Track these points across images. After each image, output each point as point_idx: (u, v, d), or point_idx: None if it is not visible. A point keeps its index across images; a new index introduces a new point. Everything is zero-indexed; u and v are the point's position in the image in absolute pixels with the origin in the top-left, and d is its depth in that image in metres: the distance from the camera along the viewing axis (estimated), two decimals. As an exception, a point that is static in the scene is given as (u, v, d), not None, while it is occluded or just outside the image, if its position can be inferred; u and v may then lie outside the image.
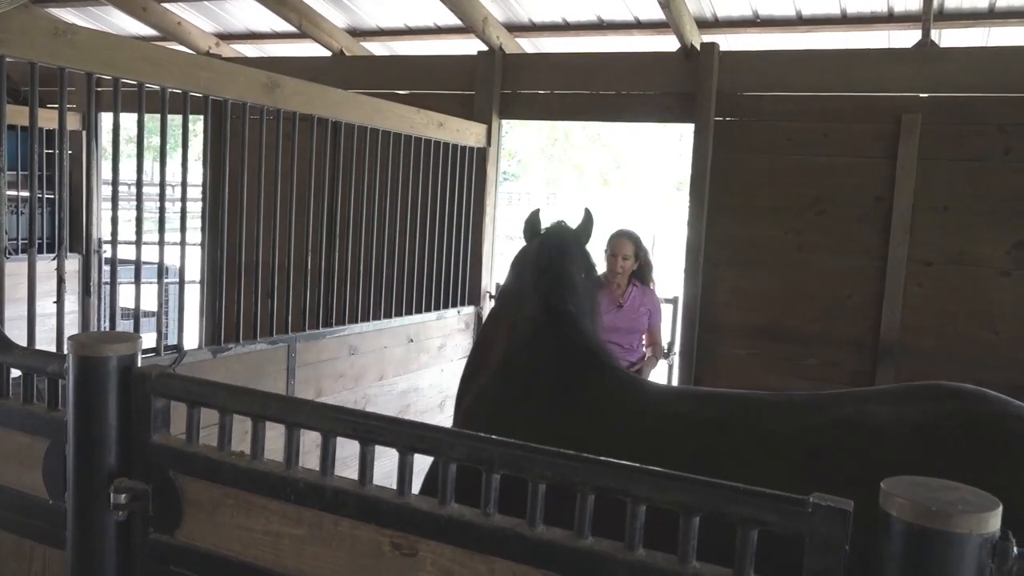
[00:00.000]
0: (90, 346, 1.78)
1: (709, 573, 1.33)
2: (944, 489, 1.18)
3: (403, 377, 4.87)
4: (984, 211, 4.60)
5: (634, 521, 1.37)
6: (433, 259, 5.30)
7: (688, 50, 5.22)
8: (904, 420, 2.46)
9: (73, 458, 1.81)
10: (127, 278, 6.34)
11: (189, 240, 3.91)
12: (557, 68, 5.75)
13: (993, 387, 4.60)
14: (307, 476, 1.65)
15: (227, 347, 3.68)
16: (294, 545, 1.66)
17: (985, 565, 1.12)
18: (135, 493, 1.76)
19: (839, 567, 1.22)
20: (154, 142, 12.45)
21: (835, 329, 4.93)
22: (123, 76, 3.12)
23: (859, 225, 4.89)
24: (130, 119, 3.42)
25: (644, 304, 5.02)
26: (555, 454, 1.44)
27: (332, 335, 4.30)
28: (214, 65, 3.64)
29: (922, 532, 1.13)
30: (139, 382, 1.78)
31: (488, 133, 5.72)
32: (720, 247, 5.22)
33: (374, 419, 1.60)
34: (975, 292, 4.64)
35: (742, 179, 5.16)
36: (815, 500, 1.23)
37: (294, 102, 3.89)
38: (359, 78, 6.17)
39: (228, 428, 1.75)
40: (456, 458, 1.50)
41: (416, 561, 1.54)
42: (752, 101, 5.14)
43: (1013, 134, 4.52)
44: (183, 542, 1.78)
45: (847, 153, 4.90)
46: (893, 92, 4.77)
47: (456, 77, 5.98)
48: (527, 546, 1.44)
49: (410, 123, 4.82)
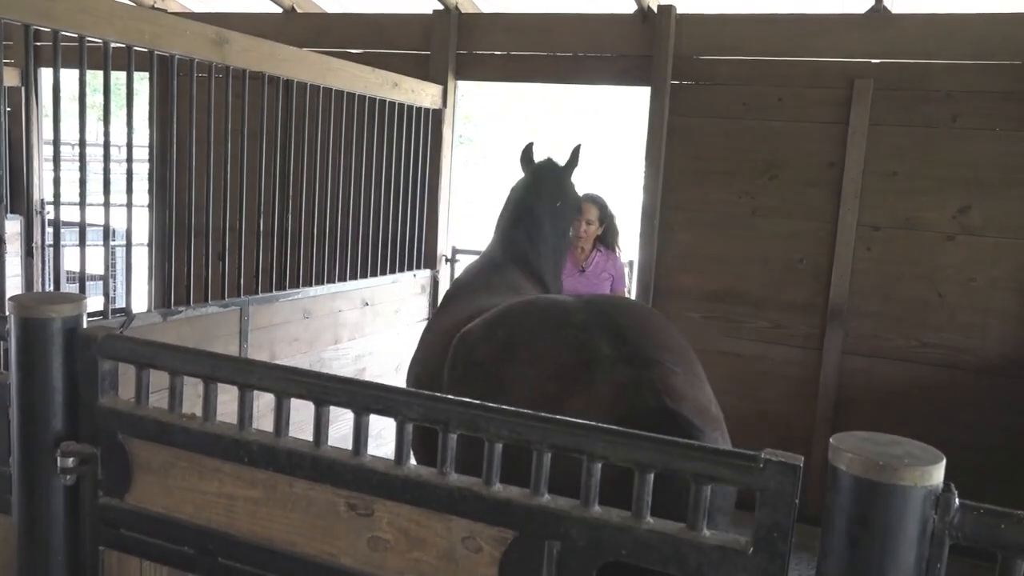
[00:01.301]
0: (32, 307, 1.73)
1: (663, 528, 1.35)
2: (891, 444, 1.21)
3: (358, 341, 4.83)
4: (931, 176, 4.70)
5: (589, 479, 1.39)
6: (388, 222, 5.24)
7: (645, 12, 5.20)
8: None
9: (17, 422, 1.76)
10: (72, 241, 6.17)
11: (136, 202, 3.80)
12: (513, 28, 5.68)
13: (937, 349, 4.77)
14: (260, 438, 1.63)
15: (177, 310, 3.61)
16: (248, 507, 1.65)
17: (929, 516, 1.16)
18: (83, 456, 1.73)
19: (789, 520, 1.25)
20: (98, 100, 12.05)
21: (786, 292, 5.02)
22: (62, 28, 3.00)
23: (811, 190, 4.95)
24: (72, 75, 3.29)
25: (607, 270, 5.00)
26: (511, 413, 1.44)
27: (286, 298, 4.24)
28: (159, 19, 3.52)
29: (869, 486, 1.16)
30: (84, 344, 1.74)
31: (444, 94, 5.65)
32: (675, 211, 5.26)
33: (328, 380, 1.59)
34: (921, 256, 4.75)
35: (697, 143, 5.18)
36: (766, 456, 1.26)
37: (243, 59, 3.79)
38: (311, 36, 6.02)
39: (179, 390, 1.72)
40: (412, 418, 1.50)
41: (372, 521, 1.54)
42: (708, 65, 5.15)
43: (961, 101, 4.61)
44: (134, 506, 1.75)
45: (800, 118, 4.94)
46: (846, 57, 4.82)
47: (411, 36, 5.87)
48: (484, 505, 1.45)
49: (364, 83, 4.73)
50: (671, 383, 2.27)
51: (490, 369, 2.60)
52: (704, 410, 2.31)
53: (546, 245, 4.09)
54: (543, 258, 4.06)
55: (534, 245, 4.04)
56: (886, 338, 4.86)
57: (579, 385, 2.33)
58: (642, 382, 2.26)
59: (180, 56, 3.51)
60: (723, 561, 1.30)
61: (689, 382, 2.36)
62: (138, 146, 3.94)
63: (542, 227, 4.10)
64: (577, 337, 2.46)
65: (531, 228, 4.08)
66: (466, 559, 1.47)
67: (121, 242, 7.05)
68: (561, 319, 2.58)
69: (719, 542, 1.31)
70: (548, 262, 4.10)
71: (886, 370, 4.85)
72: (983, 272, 4.64)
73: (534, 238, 4.06)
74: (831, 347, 4.93)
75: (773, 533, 1.26)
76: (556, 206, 4.19)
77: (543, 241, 4.08)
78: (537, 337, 2.57)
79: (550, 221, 4.14)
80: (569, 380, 2.36)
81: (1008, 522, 1.13)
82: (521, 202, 4.19)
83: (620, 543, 1.36)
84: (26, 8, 2.84)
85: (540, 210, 4.14)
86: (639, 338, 2.44)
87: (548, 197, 4.20)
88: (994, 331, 4.64)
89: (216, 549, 1.68)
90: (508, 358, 2.56)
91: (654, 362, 2.34)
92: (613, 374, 2.31)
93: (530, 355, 2.51)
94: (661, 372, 2.30)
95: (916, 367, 4.78)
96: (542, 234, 4.08)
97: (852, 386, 4.93)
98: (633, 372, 2.29)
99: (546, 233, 4.10)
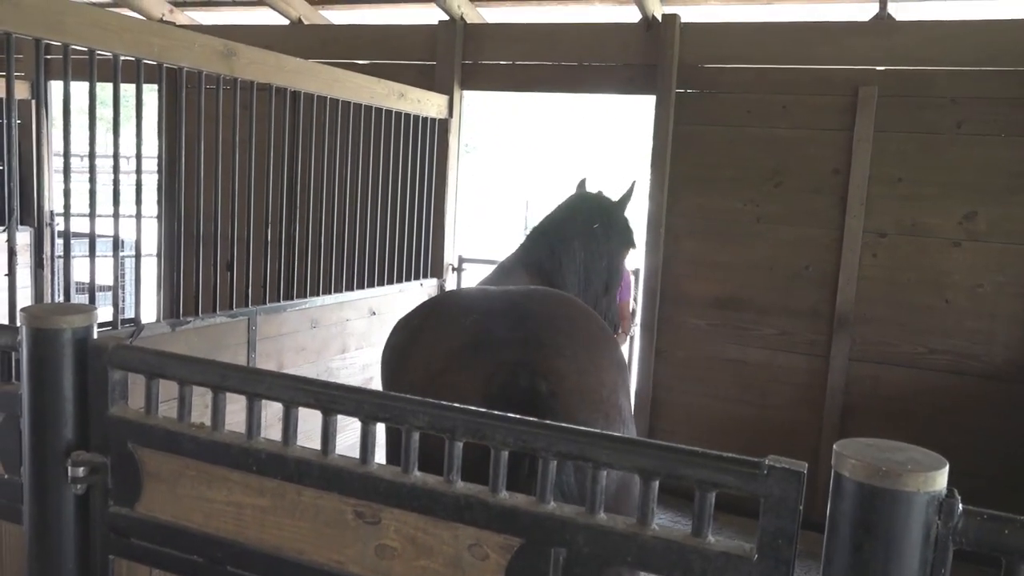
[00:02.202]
0: (44, 318, 1.75)
1: (668, 535, 1.36)
2: (894, 450, 1.22)
3: (365, 351, 4.85)
4: (936, 183, 4.70)
5: (595, 485, 1.40)
6: (395, 231, 5.26)
7: (649, 21, 5.22)
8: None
9: (28, 431, 1.78)
10: (81, 252, 6.21)
11: (145, 213, 3.83)
12: (518, 38, 5.71)
13: (943, 355, 4.76)
14: (269, 447, 1.64)
15: (186, 320, 3.63)
16: (257, 515, 1.66)
17: (932, 522, 1.16)
18: (93, 466, 1.75)
19: (793, 526, 1.25)
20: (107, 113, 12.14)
21: (792, 299, 5.02)
22: (72, 42, 3.03)
23: (816, 197, 4.96)
24: (82, 88, 3.33)
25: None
26: (517, 421, 1.45)
27: (293, 308, 4.26)
28: (168, 32, 3.55)
29: (872, 492, 1.17)
30: (95, 354, 1.76)
31: (450, 104, 5.68)
32: (681, 219, 5.27)
33: (335, 388, 1.60)
34: (927, 262, 4.75)
35: (702, 151, 5.20)
36: (770, 462, 1.27)
37: (251, 71, 3.82)
38: (318, 47, 6.07)
39: (188, 399, 1.73)
40: (419, 426, 1.51)
41: (379, 529, 1.55)
42: (713, 73, 5.16)
43: (965, 107, 4.61)
44: (143, 514, 1.77)
45: (805, 125, 4.95)
46: (850, 65, 4.83)
47: (416, 47, 5.91)
48: (490, 512, 1.46)
49: (370, 93, 4.76)
50: (554, 365, 2.36)
51: (400, 352, 2.75)
52: (588, 393, 2.38)
53: (571, 259, 4.11)
54: (563, 269, 4.08)
55: (554, 255, 4.07)
56: (892, 344, 4.85)
57: (461, 363, 2.43)
58: (523, 362, 2.35)
59: (188, 68, 3.54)
60: (727, 567, 1.30)
61: (578, 366, 2.42)
62: (147, 157, 3.97)
63: (569, 242, 4.13)
64: (477, 321, 2.57)
65: (555, 240, 4.13)
66: (473, 567, 1.48)
67: (130, 253, 7.09)
68: (472, 306, 2.70)
69: (724, 548, 1.32)
70: (571, 276, 4.11)
71: (893, 376, 4.84)
72: (989, 278, 4.63)
73: (556, 249, 4.10)
74: (838, 354, 4.93)
75: (778, 540, 1.27)
76: (593, 228, 4.22)
77: (567, 254, 4.10)
78: (443, 322, 2.69)
79: (581, 239, 4.18)
80: (455, 359, 2.47)
81: (1011, 527, 1.14)
82: (552, 216, 4.30)
83: (626, 550, 1.37)
84: (37, 22, 2.88)
85: (571, 225, 4.20)
86: (538, 324, 2.53)
87: (585, 217, 4.26)
88: (1001, 337, 4.63)
89: (225, 558, 1.69)
90: (413, 341, 2.69)
91: (543, 345, 2.42)
92: (499, 355, 2.40)
93: (431, 338, 2.63)
94: (546, 354, 2.39)
95: (923, 373, 4.77)
96: (568, 248, 4.11)
97: (859, 393, 4.92)
98: (518, 353, 2.39)
99: (573, 249, 4.13)
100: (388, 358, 2.88)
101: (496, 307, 2.65)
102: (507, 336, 2.47)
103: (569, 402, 2.31)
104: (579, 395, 2.36)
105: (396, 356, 2.80)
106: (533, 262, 4.01)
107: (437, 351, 2.55)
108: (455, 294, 3.18)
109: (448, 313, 2.77)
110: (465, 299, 2.88)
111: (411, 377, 2.57)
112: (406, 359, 2.69)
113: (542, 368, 2.34)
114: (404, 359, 2.70)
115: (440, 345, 2.57)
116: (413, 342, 2.70)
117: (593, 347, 2.57)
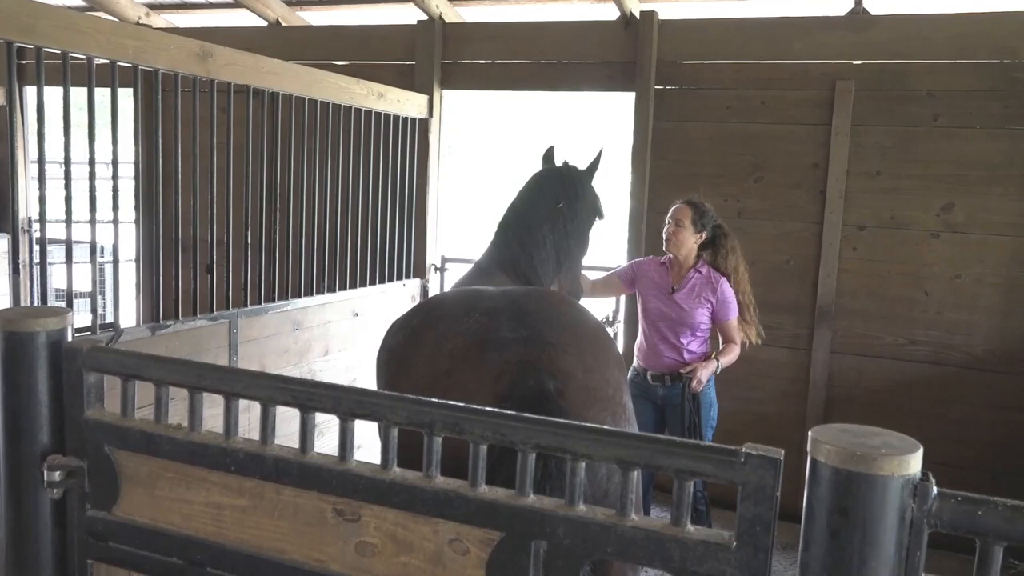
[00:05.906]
0: (17, 321, 1.73)
1: (647, 525, 1.36)
2: (869, 435, 1.22)
3: (348, 352, 4.83)
4: (914, 175, 4.74)
5: (574, 477, 1.40)
6: (377, 232, 5.25)
7: (628, 18, 5.24)
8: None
9: (3, 437, 1.76)
10: (59, 258, 6.15)
11: (123, 218, 3.80)
12: (497, 37, 5.71)
13: (924, 346, 4.80)
14: (247, 446, 1.63)
15: (166, 324, 3.60)
16: (236, 516, 1.65)
17: (907, 505, 1.17)
18: (70, 470, 1.73)
19: (770, 513, 1.26)
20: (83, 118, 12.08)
21: (774, 293, 5.05)
22: (45, 45, 3.00)
23: (796, 191, 4.99)
24: (56, 93, 3.30)
25: (704, 295, 4.13)
26: (495, 415, 1.45)
27: (275, 310, 4.24)
28: (143, 34, 3.52)
29: (848, 476, 1.17)
30: (70, 357, 1.74)
31: (430, 104, 5.67)
32: (662, 215, 5.26)
33: (312, 386, 1.59)
34: (906, 254, 4.79)
35: (682, 147, 5.22)
36: (747, 450, 1.27)
37: (228, 72, 3.80)
38: (296, 48, 6.04)
39: (164, 400, 1.72)
40: (397, 422, 1.50)
41: (359, 526, 1.55)
42: (691, 69, 5.19)
43: (942, 100, 4.65)
44: (122, 517, 1.75)
45: (784, 120, 4.98)
46: (827, 60, 4.87)
47: (395, 47, 5.90)
48: (470, 507, 1.46)
49: (349, 94, 4.74)
50: (560, 364, 2.36)
51: (401, 352, 2.72)
52: (595, 391, 2.38)
53: (542, 249, 4.00)
54: (538, 261, 3.98)
55: (525, 250, 3.97)
56: (874, 336, 4.89)
57: (469, 363, 2.42)
58: (529, 361, 2.34)
59: (164, 71, 3.51)
60: (707, 556, 1.31)
61: (584, 365, 2.42)
62: (124, 162, 3.94)
63: (536, 231, 4.00)
64: (479, 321, 2.55)
65: (522, 233, 4.01)
66: (454, 561, 1.48)
67: (108, 258, 7.04)
68: (472, 306, 2.67)
69: (703, 537, 1.32)
70: (547, 264, 4.01)
71: (874, 368, 4.88)
72: (968, 269, 4.67)
73: (526, 243, 3.98)
74: (819, 347, 4.96)
75: (755, 527, 1.27)
76: (558, 207, 4.09)
77: (538, 245, 3.99)
78: (445, 322, 2.66)
79: (550, 224, 4.04)
80: (462, 359, 2.45)
81: (985, 508, 1.15)
82: (512, 208, 4.17)
83: (605, 541, 1.37)
84: (8, 26, 2.85)
85: (536, 212, 4.07)
86: (541, 323, 2.52)
87: (547, 199, 4.12)
88: (980, 327, 4.67)
89: (205, 559, 1.68)
90: (415, 342, 2.66)
91: (548, 344, 2.42)
92: (505, 354, 2.39)
93: (434, 338, 2.60)
94: (552, 353, 2.38)
95: (904, 364, 4.81)
96: (536, 238, 3.99)
97: (841, 385, 4.96)
98: (524, 352, 2.38)
99: (542, 236, 4.01)
100: (386, 360, 2.83)
101: (497, 306, 2.62)
102: (512, 335, 2.45)
103: (577, 400, 2.30)
104: (586, 393, 2.35)
105: (396, 357, 2.75)
106: (507, 260, 3.93)
107: (441, 351, 2.52)
108: (453, 294, 3.14)
109: (449, 313, 2.73)
110: (465, 298, 2.84)
111: (414, 378, 2.53)
112: (407, 360, 2.65)
113: (549, 367, 2.33)
114: (405, 360, 2.67)
115: (444, 345, 2.54)
116: (414, 343, 2.66)
117: (595, 345, 2.56)
